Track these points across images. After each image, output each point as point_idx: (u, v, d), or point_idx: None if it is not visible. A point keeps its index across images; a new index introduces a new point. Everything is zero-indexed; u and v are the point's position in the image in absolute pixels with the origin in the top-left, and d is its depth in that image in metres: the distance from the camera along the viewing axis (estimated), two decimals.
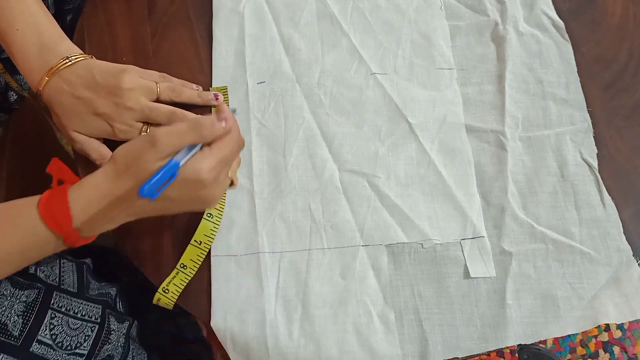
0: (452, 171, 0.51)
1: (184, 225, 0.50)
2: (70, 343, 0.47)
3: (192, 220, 0.50)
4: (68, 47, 0.48)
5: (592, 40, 0.58)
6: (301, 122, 0.53)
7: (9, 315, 0.44)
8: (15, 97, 0.63)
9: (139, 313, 0.59)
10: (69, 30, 0.62)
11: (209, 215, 0.48)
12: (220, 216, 0.48)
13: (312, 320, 0.46)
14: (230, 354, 0.46)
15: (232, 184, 0.46)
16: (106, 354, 0.51)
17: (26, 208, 0.40)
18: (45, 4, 0.50)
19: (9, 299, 0.44)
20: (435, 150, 0.52)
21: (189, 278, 0.47)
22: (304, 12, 0.58)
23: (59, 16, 0.60)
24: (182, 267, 0.47)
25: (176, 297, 0.46)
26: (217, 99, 0.53)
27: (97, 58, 0.50)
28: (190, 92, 0.52)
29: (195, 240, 0.47)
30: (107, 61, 0.49)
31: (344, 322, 0.46)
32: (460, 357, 0.45)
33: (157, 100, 0.49)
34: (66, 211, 0.39)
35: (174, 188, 0.39)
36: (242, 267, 0.48)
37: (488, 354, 0.79)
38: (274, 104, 0.54)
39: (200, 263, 0.47)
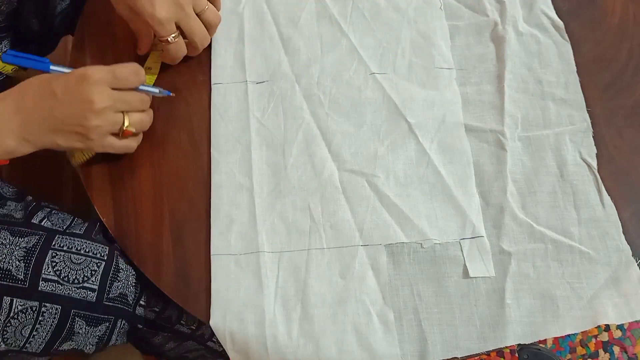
0: (452, 171, 0.51)
1: (184, 225, 0.50)
2: (76, 277, 0.47)
3: (192, 221, 0.50)
4: None
5: (591, 40, 0.58)
6: (300, 122, 0.53)
7: (10, 261, 0.45)
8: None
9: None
10: (65, 28, 0.61)
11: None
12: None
13: (311, 320, 0.46)
14: (230, 353, 0.46)
15: (133, 134, 0.48)
16: (118, 292, 0.50)
17: None
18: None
19: (8, 247, 0.46)
20: (434, 150, 0.52)
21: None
22: (303, 13, 0.59)
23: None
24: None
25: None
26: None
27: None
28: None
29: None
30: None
31: (343, 321, 0.46)
32: (459, 357, 0.45)
33: None
34: None
35: (59, 80, 0.43)
36: (242, 266, 0.48)
37: (487, 353, 0.79)
38: (274, 104, 0.54)
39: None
